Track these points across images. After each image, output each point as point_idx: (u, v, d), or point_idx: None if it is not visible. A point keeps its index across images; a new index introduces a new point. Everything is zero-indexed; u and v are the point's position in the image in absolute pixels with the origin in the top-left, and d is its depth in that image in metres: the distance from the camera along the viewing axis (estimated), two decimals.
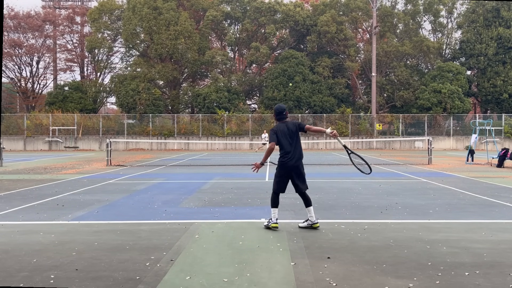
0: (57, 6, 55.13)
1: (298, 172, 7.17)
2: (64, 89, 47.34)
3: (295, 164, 7.12)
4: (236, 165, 21.00)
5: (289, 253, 5.78)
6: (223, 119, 42.42)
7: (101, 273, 4.99)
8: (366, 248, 6.01)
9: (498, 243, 6.29)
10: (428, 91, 43.02)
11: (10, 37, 49.24)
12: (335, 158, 26.26)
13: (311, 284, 4.61)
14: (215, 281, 4.72)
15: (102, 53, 50.08)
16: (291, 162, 7.10)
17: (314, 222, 7.16)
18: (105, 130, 42.70)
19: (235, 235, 6.78)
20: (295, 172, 7.15)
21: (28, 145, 41.46)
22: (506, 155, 19.22)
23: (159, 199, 10.35)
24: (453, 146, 42.02)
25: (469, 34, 45.76)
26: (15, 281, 4.77)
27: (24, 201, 10.10)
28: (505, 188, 12.24)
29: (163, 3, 44.60)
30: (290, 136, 7.13)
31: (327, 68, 44.98)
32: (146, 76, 44.59)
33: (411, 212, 8.69)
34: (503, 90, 44.44)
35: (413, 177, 15.09)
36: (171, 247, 6.07)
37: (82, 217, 8.33)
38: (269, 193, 11.26)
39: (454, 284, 4.62)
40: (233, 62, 49.71)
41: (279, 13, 46.43)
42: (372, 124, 42.79)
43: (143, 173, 17.07)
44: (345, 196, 10.83)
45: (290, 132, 7.14)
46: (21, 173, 17.04)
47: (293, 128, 7.18)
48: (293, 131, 7.16)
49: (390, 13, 46.47)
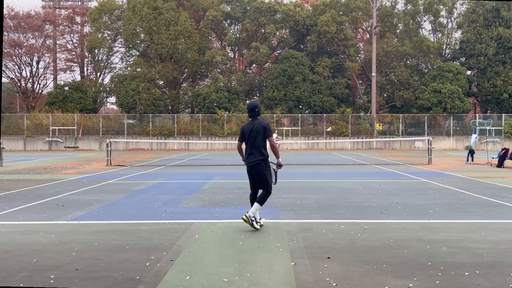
0: (57, 6, 55.13)
1: (260, 172, 7.13)
2: (64, 89, 47.34)
3: (256, 165, 7.10)
4: (236, 165, 20.99)
5: (289, 253, 5.78)
6: (223, 119, 42.42)
7: (101, 273, 4.99)
8: (366, 248, 6.01)
9: (498, 243, 6.29)
10: (428, 91, 43.02)
11: (10, 37, 49.25)
12: (335, 158, 26.27)
13: (311, 284, 4.61)
14: (215, 281, 4.72)
15: (102, 53, 50.09)
16: (252, 163, 7.12)
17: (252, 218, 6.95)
18: (105, 130, 42.70)
19: (235, 235, 6.78)
20: (257, 172, 7.15)
21: (28, 145, 41.46)
22: (506, 155, 19.22)
23: (159, 199, 10.35)
24: (453, 146, 42.03)
25: (469, 34, 45.77)
26: (15, 281, 4.77)
27: (24, 201, 10.10)
28: (505, 188, 12.24)
29: (163, 3, 44.60)
30: (254, 136, 7.12)
31: (327, 68, 44.99)
32: (146, 76, 44.59)
33: (411, 212, 8.69)
34: (503, 90, 44.44)
35: (413, 177, 15.09)
36: (171, 247, 6.07)
37: (82, 217, 8.33)
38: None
39: (454, 284, 4.62)
40: (233, 62, 49.71)
41: (279, 13, 46.42)
42: (372, 124, 42.78)
43: (143, 173, 17.07)
44: (345, 196, 10.82)
45: (254, 133, 7.12)
46: (21, 173, 17.04)
47: (259, 129, 7.12)
48: (258, 132, 7.11)
49: (390, 13, 46.47)
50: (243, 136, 7.28)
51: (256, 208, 7.04)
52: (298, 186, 12.62)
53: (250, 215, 6.99)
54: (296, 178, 14.95)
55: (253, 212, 7.02)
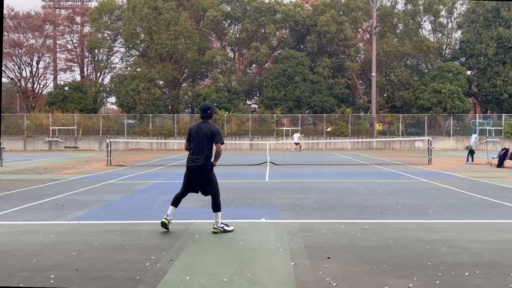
0: (57, 6, 55.14)
1: (203, 176, 7.01)
2: (64, 89, 47.36)
3: (199, 168, 6.97)
4: (236, 165, 21.00)
5: (289, 253, 5.78)
6: (223, 119, 42.42)
7: (101, 273, 4.99)
8: (366, 248, 6.01)
9: (498, 243, 6.29)
10: (428, 91, 43.02)
11: (10, 37, 49.25)
12: (335, 158, 26.26)
13: (311, 284, 4.61)
14: (215, 281, 4.72)
15: (102, 53, 50.10)
16: (195, 165, 6.97)
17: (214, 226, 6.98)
18: (105, 130, 42.70)
19: (235, 235, 6.78)
20: (199, 176, 7.02)
21: (28, 145, 41.46)
22: (506, 155, 19.22)
23: (159, 199, 10.35)
24: (453, 146, 42.03)
25: (469, 34, 45.77)
26: (15, 281, 4.77)
27: (24, 201, 10.09)
28: (505, 188, 12.24)
29: (163, 3, 44.61)
30: (202, 139, 6.96)
31: (327, 68, 44.99)
32: (146, 76, 44.60)
33: (411, 212, 8.69)
34: (503, 90, 44.44)
35: (413, 177, 15.09)
36: (171, 247, 6.07)
37: (82, 217, 8.33)
38: (270, 193, 11.31)
39: (454, 284, 4.62)
40: (233, 62, 49.71)
41: (279, 13, 46.43)
42: (372, 124, 42.78)
43: (143, 173, 17.06)
44: (345, 196, 10.82)
45: (203, 136, 6.95)
46: (21, 173, 17.04)
47: (208, 133, 6.94)
48: (206, 136, 6.93)
49: (390, 13, 46.48)
50: (191, 137, 7.07)
51: (217, 216, 6.99)
52: (298, 186, 12.62)
53: (218, 225, 6.99)
54: (296, 178, 14.95)
55: (217, 221, 7.00)
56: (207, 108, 7.10)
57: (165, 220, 7.01)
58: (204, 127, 6.99)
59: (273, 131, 42.22)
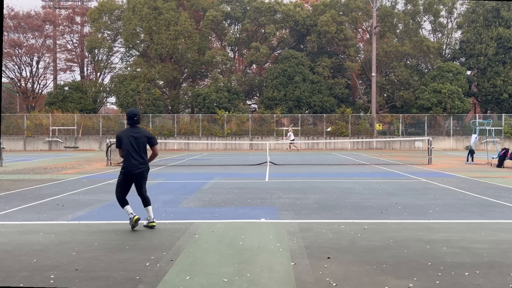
0: (57, 6, 55.12)
1: (142, 177, 7.31)
2: (64, 89, 47.34)
3: (142, 173, 7.26)
4: (236, 165, 21.00)
5: (289, 253, 5.78)
6: (223, 119, 42.42)
7: (101, 273, 4.99)
8: (366, 248, 6.01)
9: (498, 243, 6.29)
10: (428, 91, 43.01)
11: (10, 37, 49.23)
12: (335, 158, 26.26)
13: (311, 284, 4.61)
14: (215, 281, 4.72)
15: (102, 53, 50.08)
16: (136, 170, 7.17)
17: (151, 221, 7.29)
18: (105, 130, 42.69)
19: (235, 235, 6.78)
20: (141, 179, 7.31)
21: (28, 145, 41.45)
22: (506, 155, 19.22)
23: (159, 199, 10.34)
24: (453, 146, 42.02)
25: (469, 34, 45.76)
26: (15, 281, 4.77)
27: (24, 201, 10.09)
28: (505, 188, 12.24)
29: (163, 3, 44.61)
30: (138, 144, 7.20)
31: (327, 68, 44.98)
32: (146, 76, 44.60)
33: (411, 212, 8.69)
34: (503, 90, 44.44)
35: (413, 177, 15.09)
36: (171, 247, 6.07)
37: (82, 217, 8.34)
38: (269, 193, 11.32)
39: (454, 284, 4.62)
40: (233, 62, 49.71)
41: (279, 13, 46.42)
42: (372, 124, 42.78)
43: None
44: (345, 196, 10.82)
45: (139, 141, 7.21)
46: (21, 173, 17.04)
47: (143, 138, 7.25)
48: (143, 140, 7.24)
49: (390, 13, 46.47)
50: (121, 143, 7.21)
51: (150, 210, 7.36)
52: (298, 186, 12.62)
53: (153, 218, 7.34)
54: (296, 178, 14.95)
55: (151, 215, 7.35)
56: (134, 115, 7.32)
57: (137, 217, 7.17)
58: (140, 133, 7.28)
59: (273, 131, 42.22)
